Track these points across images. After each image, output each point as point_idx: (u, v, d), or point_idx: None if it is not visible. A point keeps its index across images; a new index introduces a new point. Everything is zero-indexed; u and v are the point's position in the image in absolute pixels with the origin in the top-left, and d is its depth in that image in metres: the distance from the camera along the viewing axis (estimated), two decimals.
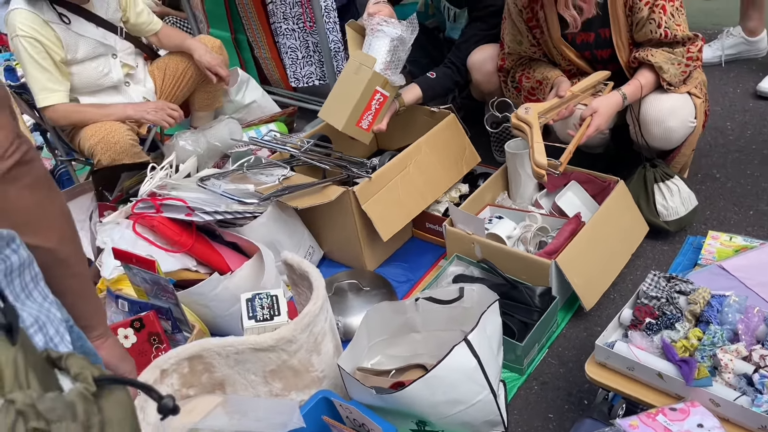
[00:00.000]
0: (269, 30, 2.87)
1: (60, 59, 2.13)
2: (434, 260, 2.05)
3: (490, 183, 2.04)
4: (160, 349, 1.51)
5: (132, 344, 1.53)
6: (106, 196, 2.03)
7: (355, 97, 1.95)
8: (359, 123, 1.98)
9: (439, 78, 2.18)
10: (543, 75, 1.95)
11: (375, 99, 2.00)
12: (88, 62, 2.22)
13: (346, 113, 1.94)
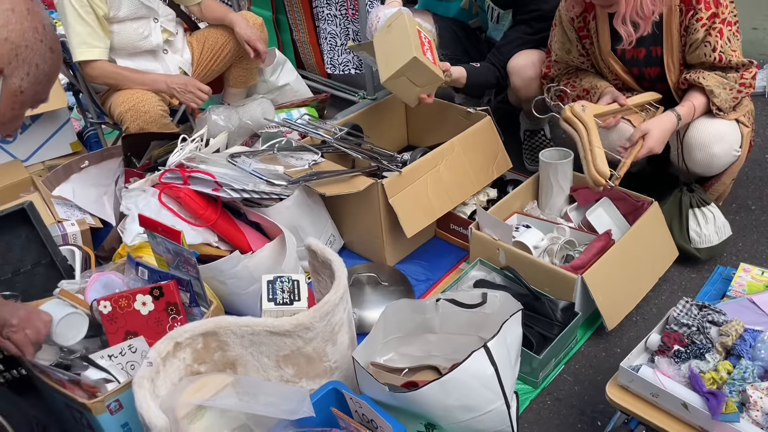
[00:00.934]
0: (311, 13, 2.85)
1: (103, 14, 2.13)
2: (455, 262, 2.02)
3: (520, 191, 2.01)
4: (177, 320, 1.50)
5: (149, 312, 1.52)
6: (134, 162, 2.02)
7: (407, 34, 1.88)
8: (425, 54, 1.91)
9: (483, 69, 2.16)
10: (591, 83, 1.91)
11: (422, 36, 1.96)
12: (129, 22, 2.21)
13: (409, 45, 1.85)
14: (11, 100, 1.04)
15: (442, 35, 2.38)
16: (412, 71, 1.89)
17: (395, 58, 1.90)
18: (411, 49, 1.85)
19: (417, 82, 1.94)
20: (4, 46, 1.00)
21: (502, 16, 2.27)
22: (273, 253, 1.79)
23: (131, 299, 1.52)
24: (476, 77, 2.14)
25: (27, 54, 1.03)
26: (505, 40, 2.19)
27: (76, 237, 1.96)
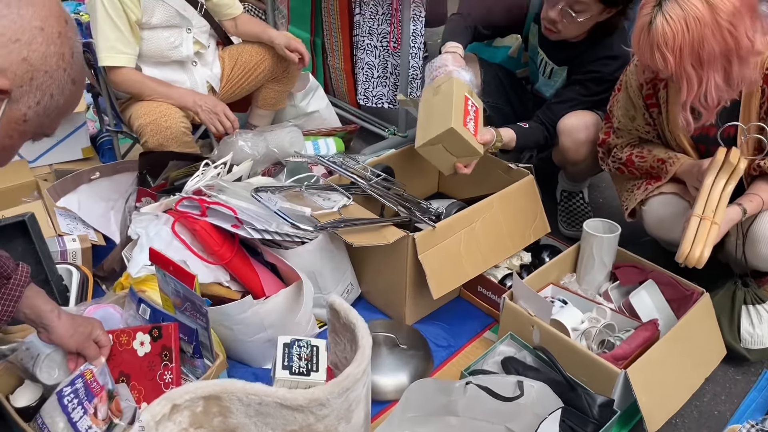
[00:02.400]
0: (349, 41, 2.73)
1: (136, 19, 2.01)
2: (480, 329, 1.87)
3: (558, 261, 1.86)
4: (168, 368, 1.34)
5: (145, 353, 1.37)
6: (149, 181, 1.88)
7: (450, 102, 1.79)
8: (465, 125, 1.80)
9: (531, 129, 2.03)
10: (667, 154, 1.76)
11: (469, 104, 1.85)
12: (160, 30, 2.09)
13: (450, 114, 1.76)
14: (10, 127, 0.90)
15: (487, 82, 2.26)
16: (448, 141, 1.79)
17: (434, 124, 1.80)
18: (450, 118, 1.75)
19: (453, 153, 1.84)
20: (20, 66, 0.85)
21: (555, 72, 2.14)
22: (287, 301, 1.64)
23: (132, 336, 1.37)
24: (525, 139, 2.02)
25: (44, 80, 0.89)
26: (558, 98, 2.06)
27: (76, 255, 1.81)
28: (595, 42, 1.97)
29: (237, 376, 1.67)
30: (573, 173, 2.23)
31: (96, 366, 1.33)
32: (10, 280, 1.20)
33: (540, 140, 2.05)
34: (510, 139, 1.98)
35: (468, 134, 1.79)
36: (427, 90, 1.95)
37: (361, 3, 2.61)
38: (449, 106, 1.78)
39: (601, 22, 1.91)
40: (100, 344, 1.34)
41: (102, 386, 1.29)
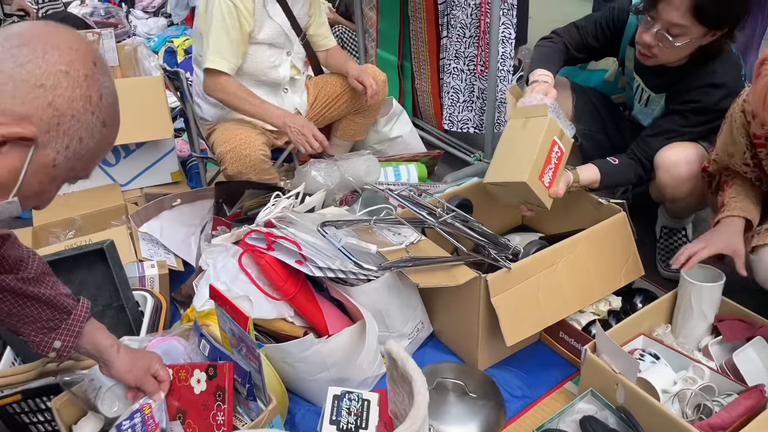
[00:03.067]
0: (436, 64, 2.66)
1: (248, 31, 2.06)
2: (560, 379, 1.72)
3: (652, 309, 1.68)
4: (221, 408, 1.32)
5: (201, 391, 1.35)
6: (225, 210, 1.90)
7: (535, 148, 1.67)
8: (541, 177, 1.70)
9: (621, 166, 1.85)
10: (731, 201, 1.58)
11: (554, 151, 1.72)
12: (264, 47, 2.13)
13: (529, 164, 1.66)
14: (41, 172, 0.88)
15: (579, 107, 2.10)
16: (518, 189, 1.69)
17: (510, 166, 1.71)
18: (527, 170, 1.65)
19: (520, 198, 1.74)
20: (46, 111, 0.84)
21: (652, 100, 1.95)
22: (351, 341, 1.58)
23: (189, 373, 1.36)
24: (611, 177, 1.84)
25: (71, 125, 0.87)
26: (654, 130, 1.86)
27: (154, 281, 1.85)
28: (697, 67, 1.76)
29: (300, 413, 1.64)
30: (673, 210, 2.03)
31: (155, 401, 1.33)
32: (71, 316, 1.22)
33: (631, 178, 1.87)
34: (592, 180, 1.82)
35: (541, 189, 1.69)
36: (516, 114, 1.82)
37: (449, 26, 2.54)
38: (531, 154, 1.67)
39: (704, 46, 1.71)
40: (159, 379, 1.34)
41: (157, 424, 1.28)
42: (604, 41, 1.98)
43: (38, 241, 2.09)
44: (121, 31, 3.90)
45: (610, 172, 1.83)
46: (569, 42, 1.98)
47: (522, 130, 1.76)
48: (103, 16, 3.97)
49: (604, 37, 1.96)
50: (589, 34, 1.98)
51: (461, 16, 2.46)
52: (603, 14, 1.97)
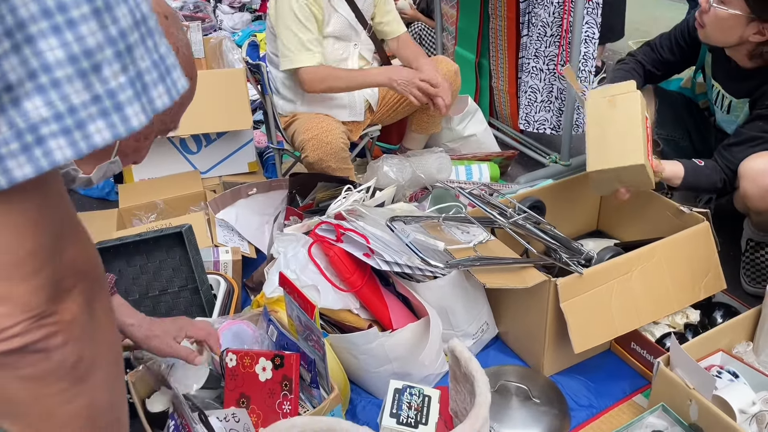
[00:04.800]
0: (515, 63, 2.62)
1: (321, 19, 2.10)
2: (629, 392, 1.65)
3: (733, 324, 1.59)
4: (288, 399, 1.34)
5: (266, 379, 1.38)
6: (298, 201, 1.94)
7: (638, 127, 1.62)
8: (649, 156, 1.65)
9: (707, 168, 1.78)
10: None
11: (648, 126, 1.67)
12: (332, 40, 2.16)
13: (639, 144, 1.61)
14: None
15: (663, 112, 2.02)
16: (629, 173, 1.62)
17: (615, 149, 1.63)
18: (641, 151, 1.58)
19: (625, 182, 1.66)
20: None
21: (734, 106, 1.85)
22: (414, 336, 1.58)
23: (254, 360, 1.40)
24: (695, 178, 1.77)
25: None
26: (738, 137, 1.77)
27: (227, 266, 1.91)
28: None
29: (361, 404, 1.65)
30: (759, 222, 1.91)
31: (197, 363, 1.36)
32: None
33: (716, 183, 1.78)
34: (675, 174, 1.75)
35: (649, 168, 1.63)
36: (597, 94, 1.74)
37: (530, 24, 2.49)
38: (638, 133, 1.61)
39: None
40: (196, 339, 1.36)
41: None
42: (680, 53, 1.96)
43: (122, 222, 2.21)
44: (208, 25, 4.05)
45: (694, 173, 1.76)
46: (644, 60, 1.98)
47: (612, 109, 1.68)
48: (192, 10, 4.14)
49: (680, 49, 1.94)
50: (665, 48, 1.96)
51: (543, 14, 2.41)
52: (676, 27, 1.96)
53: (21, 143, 0.43)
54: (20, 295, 0.48)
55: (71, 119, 0.43)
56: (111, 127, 0.45)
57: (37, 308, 0.49)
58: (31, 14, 0.41)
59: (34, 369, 0.51)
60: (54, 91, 0.42)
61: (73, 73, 0.42)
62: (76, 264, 0.52)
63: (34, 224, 0.47)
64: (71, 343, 0.52)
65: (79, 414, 0.55)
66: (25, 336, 0.49)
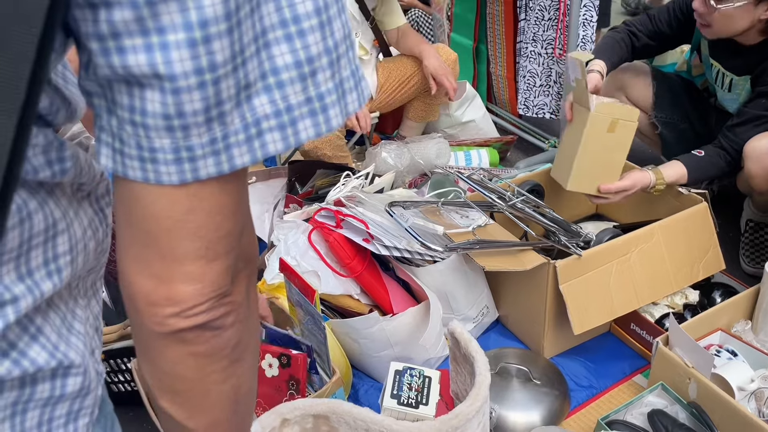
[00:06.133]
0: (513, 48, 2.61)
1: None
2: (629, 372, 1.67)
3: (732, 304, 1.60)
4: (294, 397, 1.36)
5: (273, 376, 1.39)
6: (297, 188, 1.95)
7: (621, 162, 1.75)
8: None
9: (708, 157, 1.76)
10: None
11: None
12: None
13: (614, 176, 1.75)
14: None
15: (660, 95, 2.02)
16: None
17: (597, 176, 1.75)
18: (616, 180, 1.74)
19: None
20: None
21: (735, 83, 1.84)
22: (414, 320, 1.59)
23: (260, 355, 1.41)
24: (699, 171, 1.76)
25: None
26: (741, 117, 1.76)
27: None
28: None
29: (364, 388, 1.67)
30: (761, 203, 1.92)
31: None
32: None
33: (722, 168, 1.77)
34: (678, 177, 1.74)
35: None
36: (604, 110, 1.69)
37: (527, 8, 2.48)
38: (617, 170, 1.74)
39: None
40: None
41: None
42: (678, 27, 1.94)
43: None
44: None
45: (697, 166, 1.75)
46: (639, 29, 1.94)
47: (609, 134, 1.70)
48: None
49: (677, 22, 1.92)
50: (663, 21, 1.93)
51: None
52: (675, 1, 1.93)
53: (246, 135, 0.47)
54: (212, 275, 0.51)
55: (287, 117, 0.48)
56: (316, 125, 0.49)
57: (223, 287, 0.52)
58: (272, 23, 0.46)
59: (206, 346, 0.53)
60: (278, 91, 0.47)
61: (296, 76, 0.47)
62: (248, 249, 0.55)
63: (236, 209, 0.51)
64: (238, 323, 0.55)
65: (229, 395, 0.58)
66: (209, 312, 0.52)
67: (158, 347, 0.53)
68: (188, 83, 0.44)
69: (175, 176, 0.47)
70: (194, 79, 0.43)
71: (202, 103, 0.45)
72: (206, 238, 0.49)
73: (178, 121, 0.45)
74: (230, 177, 0.49)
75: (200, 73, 0.44)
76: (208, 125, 0.46)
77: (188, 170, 0.47)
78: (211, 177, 0.47)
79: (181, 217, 0.48)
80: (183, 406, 0.57)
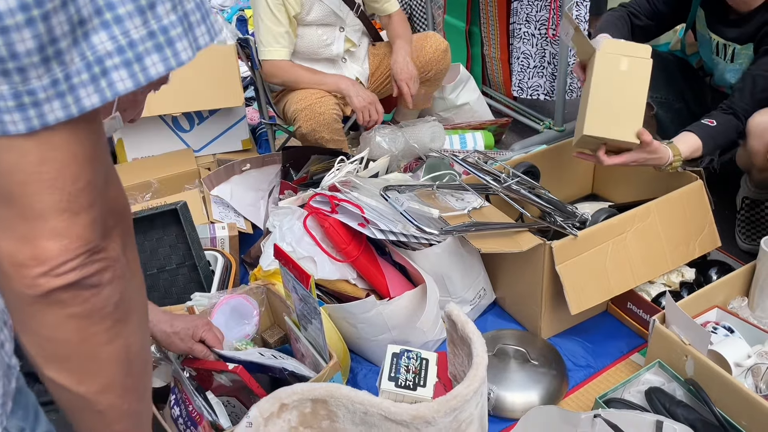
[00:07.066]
0: (506, 29, 2.59)
1: (294, 14, 2.07)
2: (626, 351, 1.67)
3: (728, 281, 1.61)
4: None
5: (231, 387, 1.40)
6: (291, 174, 1.94)
7: (642, 101, 1.57)
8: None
9: (721, 126, 1.68)
10: None
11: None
12: (314, 27, 2.14)
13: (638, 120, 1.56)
14: None
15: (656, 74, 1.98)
16: (622, 144, 1.60)
17: (618, 120, 1.58)
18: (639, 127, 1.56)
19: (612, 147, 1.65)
20: None
21: (738, 53, 1.82)
22: (411, 304, 1.59)
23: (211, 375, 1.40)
24: (714, 141, 1.67)
25: None
26: (746, 80, 1.71)
27: (224, 242, 1.92)
28: None
29: (362, 372, 1.67)
30: (760, 180, 1.91)
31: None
32: None
33: (734, 137, 1.70)
34: (694, 150, 1.65)
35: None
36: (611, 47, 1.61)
37: None
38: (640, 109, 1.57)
39: None
40: (207, 342, 1.34)
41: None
42: (675, 5, 1.90)
43: None
44: None
45: (711, 135, 1.66)
46: (637, 10, 1.91)
47: (622, 72, 1.59)
48: None
49: (675, 1, 1.88)
50: (660, 0, 1.89)
51: None
52: None
53: (90, 74, 0.46)
54: (78, 229, 0.49)
55: (131, 52, 0.47)
56: (164, 60, 0.49)
57: (92, 242, 0.51)
58: None
59: (85, 306, 0.52)
60: (116, 26, 0.46)
61: (134, 9, 0.46)
62: (116, 203, 0.54)
63: (92, 156, 0.50)
64: (116, 280, 0.53)
65: (118, 355, 0.57)
66: (81, 270, 0.50)
67: (34, 312, 0.51)
68: (15, 21, 0.42)
69: (21, 124, 0.45)
70: (21, 15, 0.42)
71: (35, 41, 0.43)
72: (65, 189, 0.48)
73: (12, 63, 0.43)
74: (81, 122, 0.47)
75: (26, 8, 0.42)
76: (46, 65, 0.44)
77: (34, 116, 0.45)
78: (60, 122, 0.46)
79: (35, 169, 0.46)
80: (70, 372, 0.55)
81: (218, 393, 1.38)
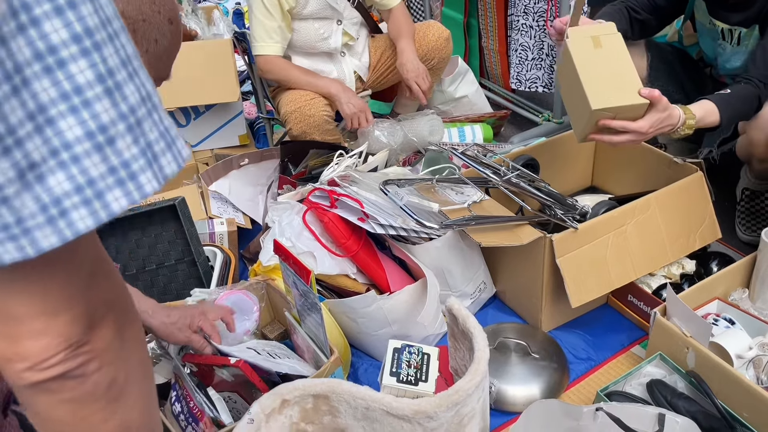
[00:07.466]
0: (504, 21, 2.58)
1: (288, 8, 2.06)
2: (627, 343, 1.67)
3: (728, 272, 1.60)
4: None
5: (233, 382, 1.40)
6: (290, 169, 1.93)
7: (630, 66, 1.54)
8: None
9: (736, 94, 1.61)
10: None
11: None
12: (311, 21, 2.12)
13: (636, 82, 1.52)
14: None
15: (655, 66, 1.99)
16: (628, 111, 1.54)
17: (617, 88, 1.54)
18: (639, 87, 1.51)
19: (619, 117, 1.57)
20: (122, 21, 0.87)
21: (744, 35, 1.81)
22: (412, 298, 1.59)
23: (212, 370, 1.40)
24: (732, 108, 1.59)
25: (145, 29, 0.88)
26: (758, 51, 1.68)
27: (223, 237, 1.91)
28: None
29: (363, 367, 1.67)
30: (761, 171, 1.90)
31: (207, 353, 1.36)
32: None
33: (754, 104, 1.63)
34: (707, 111, 1.56)
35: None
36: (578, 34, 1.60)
37: None
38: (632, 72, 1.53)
39: None
40: (204, 331, 1.35)
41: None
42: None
43: None
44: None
45: (727, 101, 1.58)
46: (635, 4, 1.89)
47: (597, 50, 1.58)
48: None
49: None
50: None
51: None
52: None
53: (46, 216, 0.45)
54: (58, 327, 0.52)
55: (90, 190, 0.46)
56: (127, 194, 0.48)
57: (73, 338, 0.53)
58: (52, 98, 0.44)
59: (73, 393, 0.55)
60: (74, 165, 0.45)
61: (91, 147, 0.46)
62: (106, 296, 0.56)
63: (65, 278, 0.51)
64: (105, 367, 0.56)
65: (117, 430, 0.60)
66: (64, 364, 0.53)
67: (28, 397, 0.55)
68: None
69: None
70: None
71: None
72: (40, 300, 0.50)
73: None
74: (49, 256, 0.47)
75: None
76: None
77: None
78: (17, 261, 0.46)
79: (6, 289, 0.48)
80: None
81: (219, 389, 1.38)
